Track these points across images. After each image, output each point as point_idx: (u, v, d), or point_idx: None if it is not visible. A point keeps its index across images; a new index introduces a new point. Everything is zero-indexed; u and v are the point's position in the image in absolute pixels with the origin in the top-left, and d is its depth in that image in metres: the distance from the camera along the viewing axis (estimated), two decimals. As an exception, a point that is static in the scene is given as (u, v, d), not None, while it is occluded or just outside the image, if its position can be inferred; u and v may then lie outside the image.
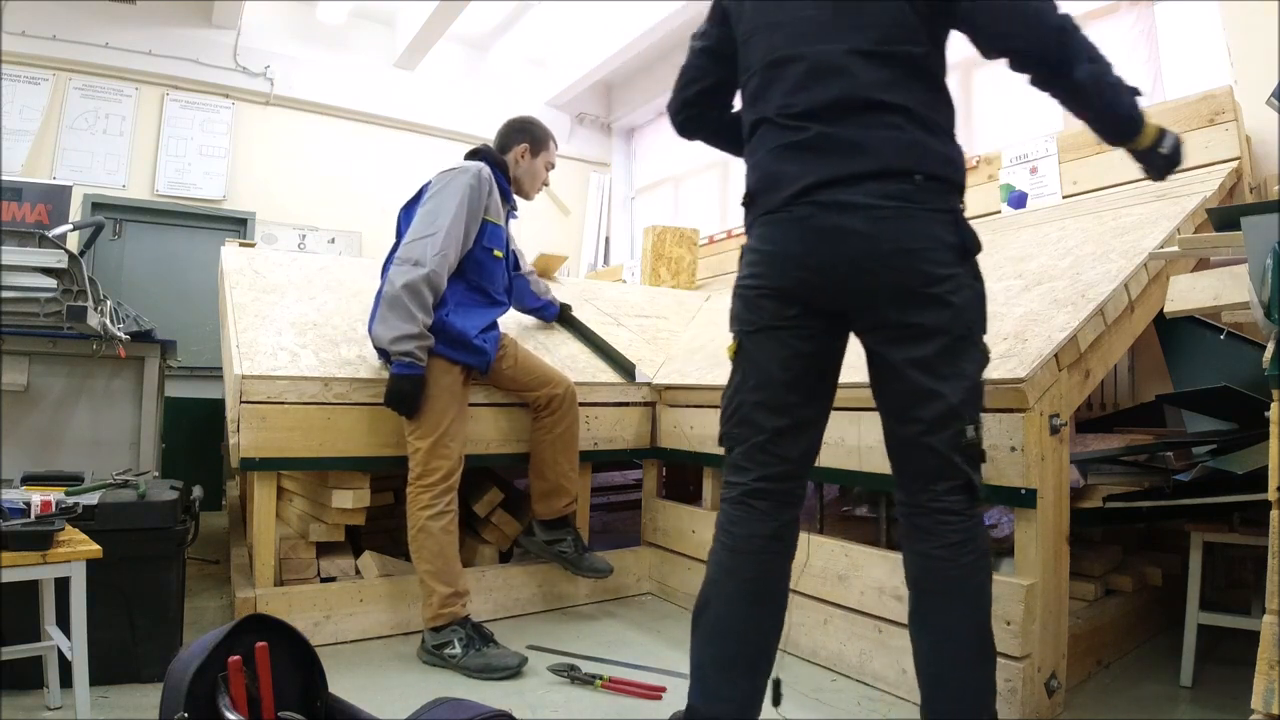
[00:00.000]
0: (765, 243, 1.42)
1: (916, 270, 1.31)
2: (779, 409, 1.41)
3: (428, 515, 2.06)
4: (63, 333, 2.55)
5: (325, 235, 5.81)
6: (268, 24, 5.66)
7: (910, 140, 1.34)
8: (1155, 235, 2.12)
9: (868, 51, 1.36)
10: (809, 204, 1.35)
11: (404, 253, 2.10)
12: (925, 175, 1.33)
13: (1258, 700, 1.06)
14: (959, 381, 1.32)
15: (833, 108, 1.36)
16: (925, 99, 1.37)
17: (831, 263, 1.34)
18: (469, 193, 2.15)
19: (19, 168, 4.72)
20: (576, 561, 2.36)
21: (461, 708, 1.06)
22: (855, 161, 1.33)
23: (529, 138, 2.37)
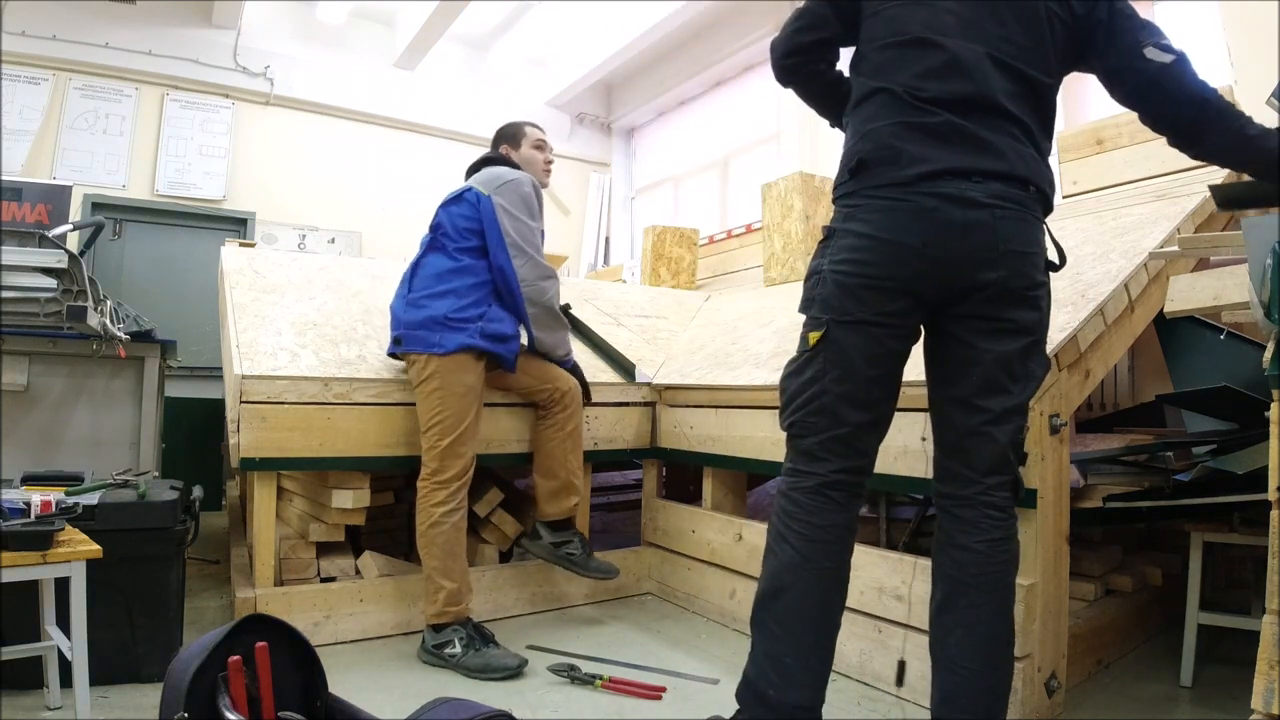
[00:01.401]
0: (879, 229, 1.38)
1: (1025, 273, 1.36)
2: (864, 404, 1.40)
3: (442, 511, 2.07)
4: (63, 333, 2.55)
5: (325, 235, 5.81)
6: (268, 24, 5.66)
7: (1029, 154, 1.39)
8: (1155, 235, 2.12)
9: (1003, 62, 1.38)
10: (934, 194, 1.34)
11: (531, 269, 2.19)
12: (1036, 187, 1.39)
13: (1258, 700, 1.06)
14: (1029, 383, 1.38)
15: (965, 103, 1.36)
16: (1040, 122, 1.43)
17: (950, 255, 1.35)
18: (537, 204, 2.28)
19: (19, 168, 4.72)
20: (584, 564, 2.36)
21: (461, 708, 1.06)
22: (984, 158, 1.35)
23: (505, 137, 2.42)
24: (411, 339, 2.15)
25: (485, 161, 2.38)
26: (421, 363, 2.12)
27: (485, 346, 2.14)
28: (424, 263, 2.22)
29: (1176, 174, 2.59)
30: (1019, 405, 1.37)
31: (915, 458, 1.85)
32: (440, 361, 2.10)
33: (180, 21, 5.29)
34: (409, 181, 6.11)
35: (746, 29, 5.36)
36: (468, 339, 2.11)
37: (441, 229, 2.23)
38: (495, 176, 2.25)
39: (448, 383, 2.10)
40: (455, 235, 2.20)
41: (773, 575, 1.41)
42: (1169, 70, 1.39)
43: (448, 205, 2.27)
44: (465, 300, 2.15)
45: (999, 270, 1.34)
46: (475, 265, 2.18)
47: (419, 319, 2.14)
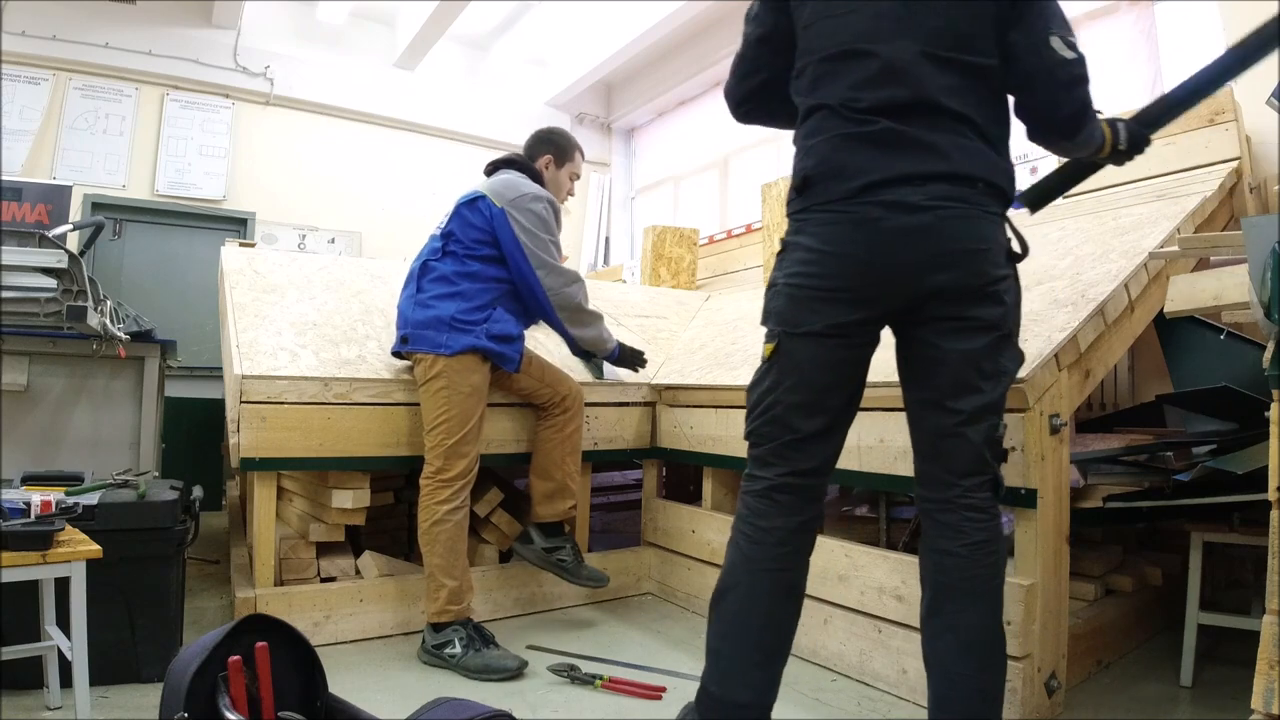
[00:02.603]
0: (824, 242, 1.39)
1: (980, 270, 1.34)
2: (817, 411, 1.42)
3: (447, 509, 2.07)
4: (63, 333, 2.55)
5: (325, 235, 5.80)
6: (268, 24, 5.66)
7: (976, 149, 1.37)
8: (1155, 235, 2.12)
9: (938, 57, 1.36)
10: (876, 204, 1.34)
11: (555, 278, 2.22)
12: (986, 183, 1.36)
13: (1258, 700, 1.06)
14: (1001, 380, 1.36)
15: (902, 107, 1.36)
16: (988, 112, 1.39)
17: (897, 262, 1.34)
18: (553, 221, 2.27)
19: (19, 168, 4.72)
20: (575, 571, 2.35)
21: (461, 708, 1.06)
22: (925, 161, 1.34)
23: (554, 148, 2.41)
24: (418, 338, 2.15)
25: (510, 163, 2.37)
26: (428, 362, 2.12)
27: (491, 347, 2.14)
28: (433, 265, 2.22)
29: (1176, 174, 2.59)
30: (991, 403, 1.36)
31: (915, 458, 1.84)
32: (447, 362, 2.10)
33: (180, 21, 5.29)
34: (409, 181, 6.10)
35: (746, 29, 5.36)
36: (474, 340, 2.12)
37: (454, 237, 2.23)
38: (510, 187, 2.23)
39: (454, 382, 2.10)
40: (467, 243, 2.20)
41: (722, 576, 1.45)
42: (1067, 66, 1.37)
43: (460, 210, 2.26)
44: (472, 303, 2.15)
45: (950, 271, 1.34)
46: (484, 271, 2.19)
47: (426, 319, 2.14)
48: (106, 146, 5.06)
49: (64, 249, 2.58)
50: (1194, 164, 2.55)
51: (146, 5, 5.17)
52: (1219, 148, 2.52)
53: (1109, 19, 3.60)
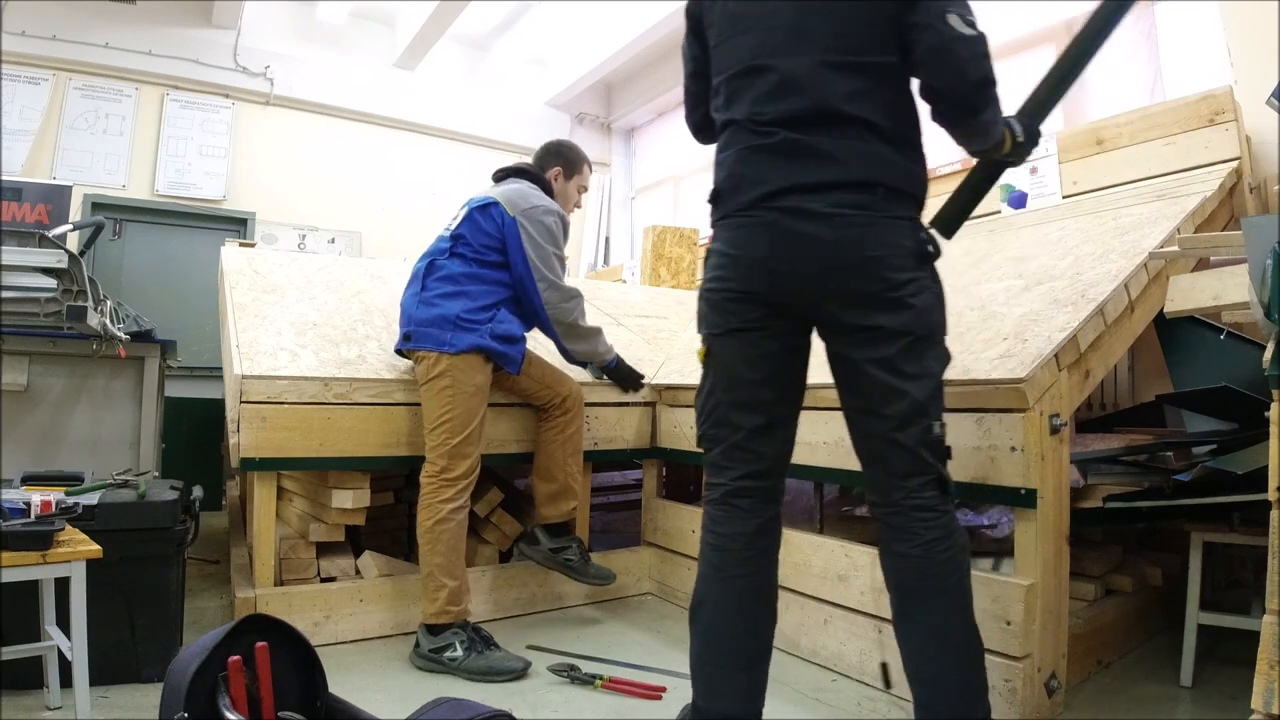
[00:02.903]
0: (732, 246, 1.46)
1: (878, 275, 1.35)
2: (753, 407, 1.45)
3: (450, 508, 2.07)
4: (63, 333, 2.55)
5: (325, 235, 5.80)
6: (268, 24, 5.66)
7: (874, 152, 1.38)
8: (1155, 235, 2.12)
9: (836, 63, 1.39)
10: (775, 209, 1.38)
11: (554, 293, 2.25)
12: (887, 187, 1.37)
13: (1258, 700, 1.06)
14: (924, 380, 1.37)
15: (801, 117, 1.39)
16: (891, 112, 1.41)
17: (797, 268, 1.38)
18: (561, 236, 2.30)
19: (19, 168, 4.71)
20: (581, 569, 2.36)
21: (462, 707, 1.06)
22: (823, 170, 1.37)
23: (563, 161, 2.43)
24: (422, 336, 2.15)
25: (520, 172, 2.38)
26: (431, 360, 2.12)
27: (495, 347, 2.14)
28: (440, 264, 2.23)
29: (1176, 174, 2.59)
30: (918, 405, 1.35)
31: (915, 458, 1.84)
32: (451, 360, 2.10)
33: (180, 21, 5.29)
34: (409, 181, 6.10)
35: (746, 29, 5.36)
36: (478, 339, 2.12)
37: (463, 239, 2.23)
38: (523, 197, 2.25)
39: (458, 381, 2.10)
40: (476, 247, 2.21)
41: (696, 586, 1.47)
42: (967, 41, 1.36)
43: (473, 214, 2.26)
44: (477, 303, 2.16)
45: (846, 279, 1.36)
46: (490, 274, 2.20)
47: (430, 317, 2.15)
48: (106, 146, 5.06)
49: (64, 249, 2.58)
50: (1194, 164, 2.55)
51: (146, 5, 5.16)
52: (1219, 148, 2.52)
53: (1109, 19, 3.60)
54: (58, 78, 4.94)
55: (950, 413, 1.77)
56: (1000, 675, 1.62)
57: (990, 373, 1.71)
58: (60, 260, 2.55)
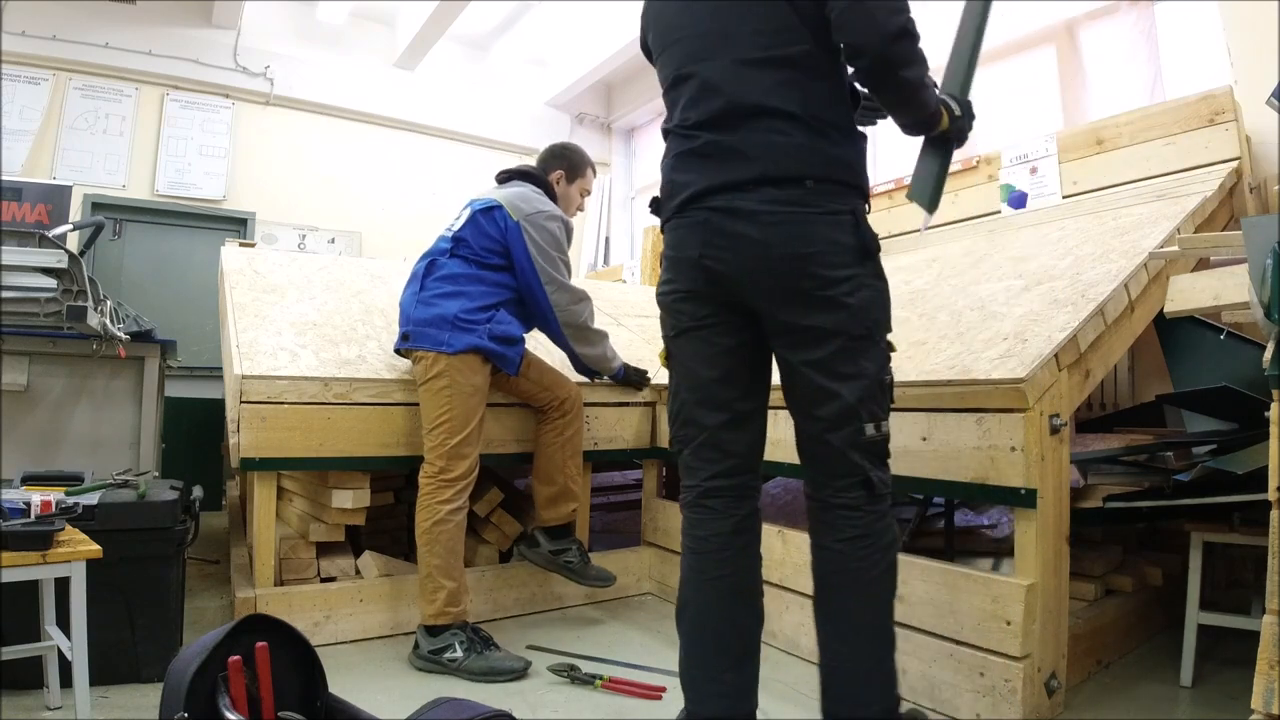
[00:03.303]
0: (671, 248, 1.49)
1: (809, 274, 1.35)
2: (716, 405, 1.47)
3: (449, 509, 2.06)
4: (63, 333, 2.55)
5: (325, 235, 5.80)
6: (268, 24, 5.65)
7: (796, 144, 1.37)
8: (1155, 235, 2.13)
9: (753, 60, 1.41)
10: (705, 209, 1.41)
11: (563, 295, 2.25)
12: (816, 179, 1.36)
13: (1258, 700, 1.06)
14: (858, 381, 1.37)
15: (721, 117, 1.42)
16: (817, 101, 1.39)
17: (729, 267, 1.41)
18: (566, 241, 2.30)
19: (19, 168, 4.71)
20: (582, 572, 2.36)
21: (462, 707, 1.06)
22: (739, 168, 1.39)
23: (565, 164, 2.42)
24: (420, 335, 2.15)
25: (524, 175, 2.37)
26: (429, 360, 2.12)
27: (493, 348, 2.13)
28: (440, 264, 2.22)
29: (1176, 174, 2.59)
30: (849, 408, 1.36)
31: (914, 458, 1.84)
32: (449, 360, 2.09)
33: (180, 21, 5.29)
34: (409, 181, 6.10)
35: (746, 29, 5.36)
36: (476, 340, 2.11)
37: (465, 242, 2.23)
38: (527, 201, 2.24)
39: (456, 381, 2.09)
40: (478, 250, 2.21)
41: (679, 589, 1.49)
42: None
43: (476, 217, 2.25)
44: (476, 303, 2.15)
45: (775, 277, 1.37)
46: (490, 276, 2.20)
47: (429, 316, 2.14)
48: (106, 146, 5.06)
49: (64, 249, 2.58)
50: (1194, 164, 2.55)
51: (146, 5, 5.16)
52: (1219, 148, 2.52)
53: (1109, 19, 3.60)
54: (58, 78, 4.94)
55: (950, 413, 1.78)
56: (1000, 675, 1.62)
57: (990, 373, 1.71)
58: (60, 260, 2.55)
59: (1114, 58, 3.55)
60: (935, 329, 2.14)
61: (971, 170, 3.26)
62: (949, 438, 1.78)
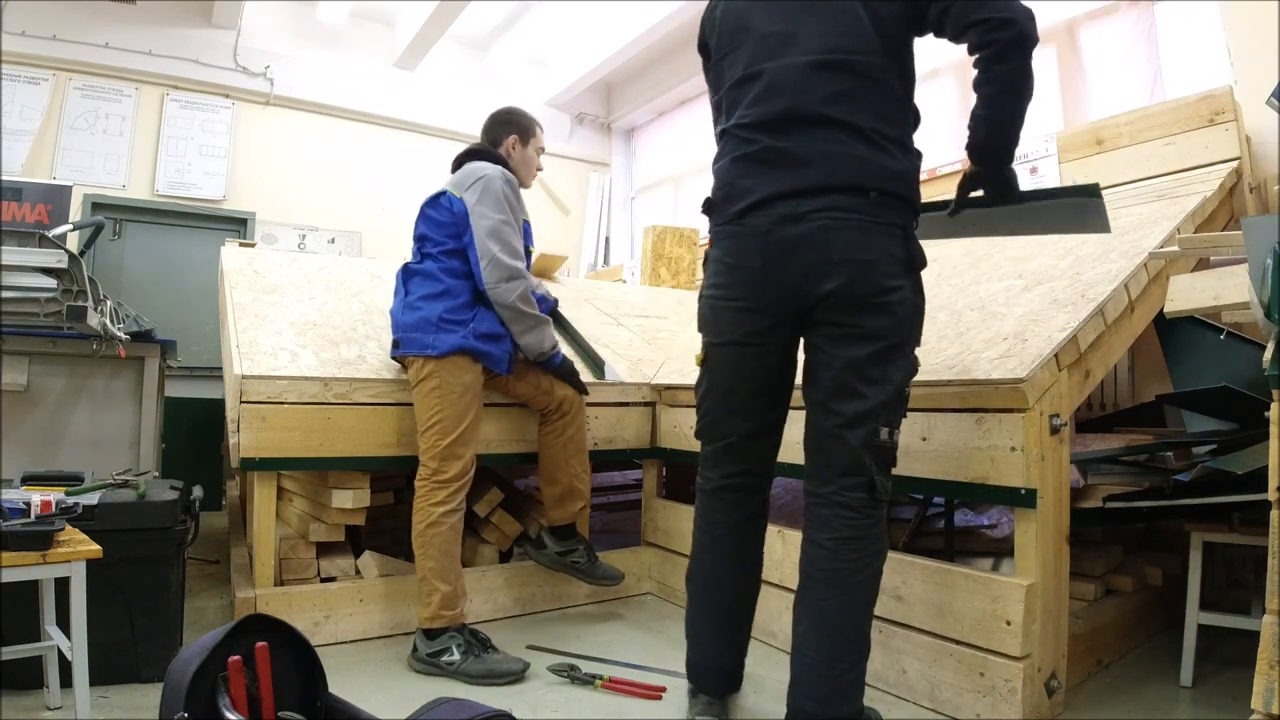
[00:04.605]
0: (729, 255, 1.53)
1: (866, 279, 1.40)
2: (746, 416, 1.58)
3: (442, 511, 2.05)
4: (63, 333, 2.55)
5: (325, 235, 5.80)
6: (268, 24, 5.65)
7: (857, 156, 1.41)
8: (1155, 235, 2.12)
9: (822, 62, 1.44)
10: (765, 216, 1.45)
11: (493, 271, 2.11)
12: (879, 190, 1.41)
13: (1258, 700, 1.06)
14: (884, 386, 1.43)
15: (780, 120, 1.46)
16: (876, 112, 1.44)
17: (787, 272, 1.45)
18: (512, 197, 2.19)
19: (19, 168, 4.71)
20: (590, 571, 2.36)
21: (462, 707, 1.06)
22: (802, 176, 1.42)
23: (516, 128, 2.37)
24: (408, 341, 2.15)
25: (472, 154, 2.33)
26: (418, 365, 2.12)
27: (478, 347, 2.12)
28: (415, 268, 2.22)
29: (1176, 174, 2.59)
30: (871, 409, 1.41)
31: (915, 458, 1.84)
32: (437, 363, 2.09)
33: (180, 21, 5.29)
34: (409, 181, 6.08)
35: (746, 29, 5.36)
36: (461, 340, 2.10)
37: (427, 240, 2.22)
38: (468, 174, 2.20)
39: (446, 382, 2.09)
40: (439, 240, 2.19)
41: (691, 557, 1.67)
42: None
43: (425, 211, 2.26)
44: (459, 299, 2.14)
45: (837, 280, 1.41)
46: (463, 268, 2.17)
47: (415, 321, 2.14)
48: (106, 146, 5.06)
49: (64, 249, 2.58)
50: (1194, 164, 2.55)
51: (146, 5, 5.16)
52: (1219, 148, 2.52)
53: (1109, 19, 3.60)
54: (58, 78, 4.94)
55: (950, 413, 1.78)
56: (1000, 675, 1.62)
57: (990, 373, 1.71)
58: (60, 260, 2.55)
59: (1114, 58, 3.55)
60: (935, 329, 2.14)
61: (971, 170, 3.26)
62: (949, 438, 1.78)
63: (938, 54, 4.37)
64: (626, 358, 2.96)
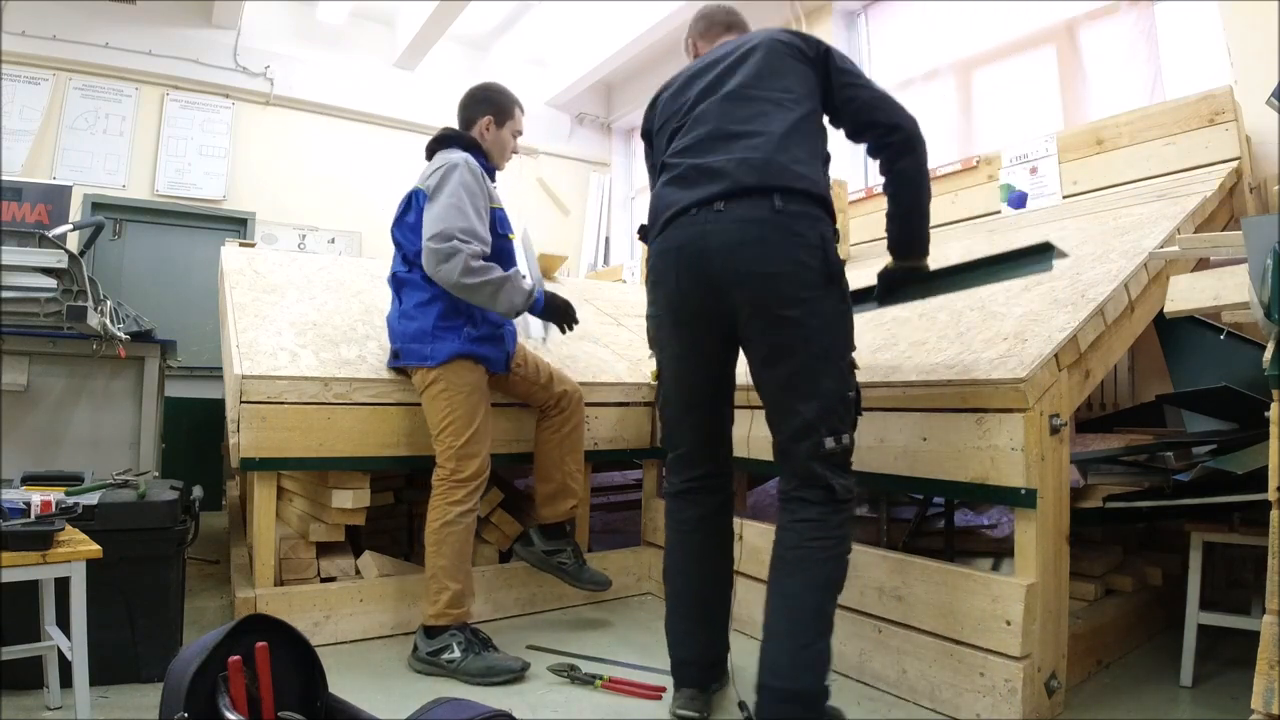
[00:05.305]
0: (653, 272, 1.64)
1: (774, 291, 1.46)
2: (694, 425, 1.70)
3: (459, 511, 2.05)
4: (63, 333, 2.55)
5: (325, 235, 5.80)
6: (268, 24, 5.65)
7: (764, 158, 1.50)
8: (1155, 235, 2.12)
9: (742, 95, 1.58)
10: (680, 229, 1.53)
11: (430, 258, 1.98)
12: (783, 191, 1.47)
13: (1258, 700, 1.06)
14: (818, 400, 1.48)
15: (702, 142, 1.58)
16: (789, 128, 1.54)
17: (700, 287, 1.54)
18: (474, 184, 2.10)
19: (19, 168, 4.71)
20: (576, 573, 2.34)
21: (462, 707, 1.06)
22: (713, 184, 1.51)
23: (493, 108, 2.31)
24: (407, 352, 2.15)
25: (443, 141, 2.27)
26: (421, 373, 2.12)
27: (476, 350, 2.11)
28: (403, 276, 2.19)
29: (1176, 174, 2.59)
30: (810, 424, 1.48)
31: (915, 458, 1.85)
32: (438, 370, 2.08)
33: (180, 21, 5.28)
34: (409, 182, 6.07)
35: (746, 29, 5.36)
36: (458, 346, 2.09)
37: (404, 248, 2.18)
38: (433, 168, 2.15)
39: (452, 384, 2.08)
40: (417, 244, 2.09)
41: (664, 555, 1.76)
42: None
43: (400, 219, 2.21)
44: (449, 304, 2.10)
45: (745, 293, 1.49)
46: None
47: (412, 331, 2.13)
48: (106, 146, 5.06)
49: (64, 249, 2.58)
50: (1194, 164, 2.55)
51: (146, 5, 5.16)
52: (1219, 148, 2.52)
53: (1109, 19, 3.60)
54: (58, 78, 4.94)
55: (950, 413, 1.79)
56: (1000, 675, 1.62)
57: (990, 373, 1.71)
58: (60, 260, 2.55)
59: (1114, 58, 3.55)
60: (935, 329, 2.14)
61: (971, 170, 3.26)
62: (949, 438, 1.78)
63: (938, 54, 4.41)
64: (626, 358, 2.97)
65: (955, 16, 4.18)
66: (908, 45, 4.48)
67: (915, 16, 4.44)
